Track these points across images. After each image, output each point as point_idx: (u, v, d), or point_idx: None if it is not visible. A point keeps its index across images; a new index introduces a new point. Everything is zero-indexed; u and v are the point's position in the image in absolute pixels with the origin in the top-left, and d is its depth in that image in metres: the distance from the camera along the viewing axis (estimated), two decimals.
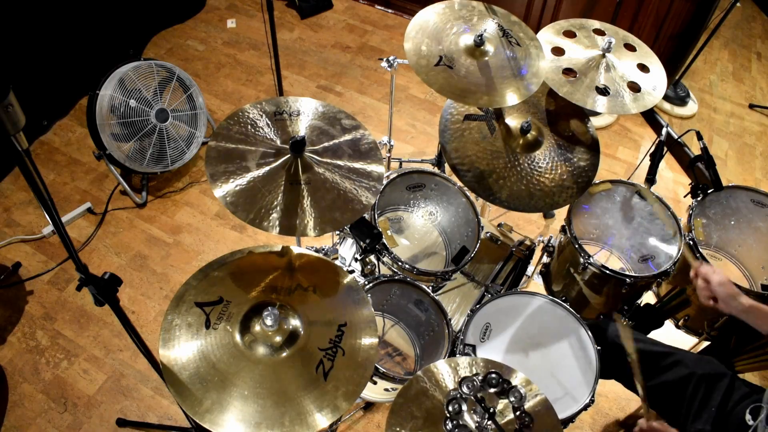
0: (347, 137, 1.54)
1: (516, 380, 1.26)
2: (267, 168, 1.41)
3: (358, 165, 1.49)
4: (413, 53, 1.65)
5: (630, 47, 1.91)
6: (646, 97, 1.78)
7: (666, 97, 3.38)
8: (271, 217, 1.34)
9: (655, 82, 1.83)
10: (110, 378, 2.27)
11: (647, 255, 2.11)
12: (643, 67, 1.86)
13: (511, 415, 1.20)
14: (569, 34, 1.90)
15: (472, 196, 1.99)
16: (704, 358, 1.59)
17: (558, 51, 1.84)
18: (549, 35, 1.88)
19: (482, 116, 1.87)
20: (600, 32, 1.92)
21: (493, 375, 1.25)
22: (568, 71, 1.80)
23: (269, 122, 1.51)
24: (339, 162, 1.48)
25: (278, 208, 1.35)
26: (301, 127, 1.53)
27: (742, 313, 1.44)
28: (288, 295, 1.35)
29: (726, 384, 1.48)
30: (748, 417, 1.32)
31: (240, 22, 3.87)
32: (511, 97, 1.63)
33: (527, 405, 1.22)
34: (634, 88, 1.80)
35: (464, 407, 1.20)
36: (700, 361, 1.57)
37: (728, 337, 1.86)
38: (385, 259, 1.84)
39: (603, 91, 1.76)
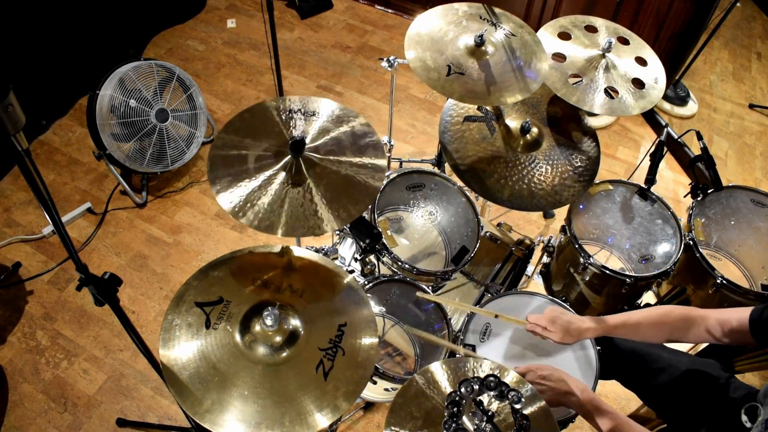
0: (346, 129, 1.54)
1: (514, 382, 1.26)
2: (267, 168, 1.41)
3: (359, 159, 1.48)
4: (420, 68, 1.65)
5: (623, 40, 1.92)
6: (650, 91, 1.80)
7: (666, 97, 3.38)
8: (270, 218, 1.34)
9: (656, 74, 1.85)
10: (110, 378, 2.27)
11: (647, 255, 2.11)
12: (641, 61, 1.87)
13: (510, 418, 1.20)
14: (564, 36, 1.90)
15: (471, 195, 1.99)
16: (699, 360, 1.58)
17: (558, 57, 1.84)
18: (545, 39, 1.88)
19: (482, 117, 1.87)
20: (592, 29, 1.93)
21: (492, 377, 1.25)
22: (572, 76, 1.80)
23: (269, 122, 1.51)
24: (341, 158, 1.47)
25: (278, 208, 1.35)
26: (300, 127, 1.53)
27: (576, 407, 1.32)
28: (288, 295, 1.35)
29: (721, 386, 1.47)
30: (744, 418, 1.29)
31: (240, 22, 3.88)
32: (515, 96, 1.63)
33: (525, 408, 1.22)
34: (638, 84, 1.81)
35: (463, 409, 1.20)
36: (694, 363, 1.56)
37: None
38: (385, 259, 1.84)
39: (611, 94, 1.77)
